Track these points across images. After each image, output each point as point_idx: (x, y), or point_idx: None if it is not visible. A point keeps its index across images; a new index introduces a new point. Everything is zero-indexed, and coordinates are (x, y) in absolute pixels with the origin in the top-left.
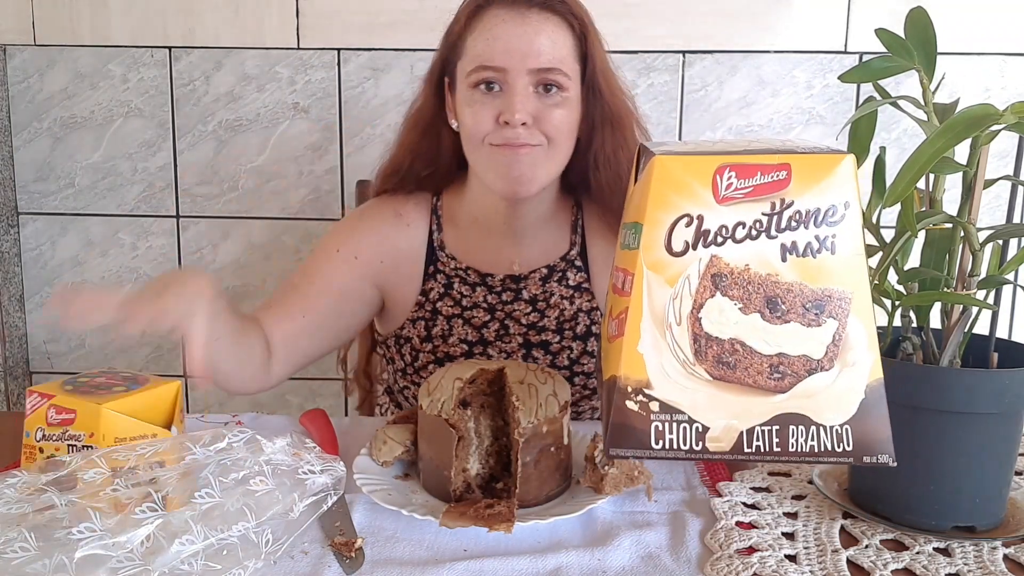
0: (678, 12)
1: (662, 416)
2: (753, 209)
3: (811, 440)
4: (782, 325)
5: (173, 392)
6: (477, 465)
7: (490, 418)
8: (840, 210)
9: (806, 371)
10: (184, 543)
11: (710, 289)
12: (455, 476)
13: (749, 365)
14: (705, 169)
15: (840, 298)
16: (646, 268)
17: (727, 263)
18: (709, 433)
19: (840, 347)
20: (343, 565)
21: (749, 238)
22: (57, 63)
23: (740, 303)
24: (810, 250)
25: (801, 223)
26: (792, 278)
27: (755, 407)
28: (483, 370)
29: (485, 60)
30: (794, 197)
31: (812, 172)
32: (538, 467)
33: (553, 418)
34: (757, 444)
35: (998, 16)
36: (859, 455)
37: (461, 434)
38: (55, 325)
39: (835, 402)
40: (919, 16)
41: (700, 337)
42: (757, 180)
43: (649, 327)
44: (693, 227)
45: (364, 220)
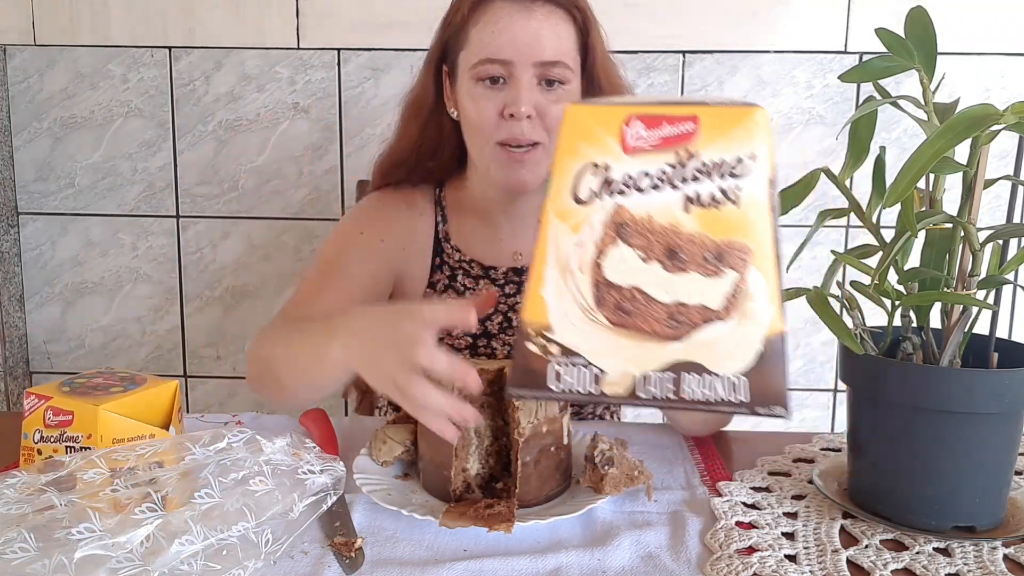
0: (678, 12)
1: (561, 359)
2: (659, 160)
3: (705, 388)
4: (681, 274)
5: (171, 392)
6: (477, 465)
7: (490, 418)
8: (747, 162)
9: (703, 320)
10: (184, 543)
11: (613, 238)
12: (455, 476)
13: (647, 312)
14: (613, 119)
15: (741, 250)
16: (552, 215)
17: (630, 212)
18: (606, 377)
19: (739, 298)
20: (343, 565)
21: (654, 188)
22: (57, 63)
23: (641, 252)
24: (714, 201)
25: (706, 174)
26: (694, 229)
27: (651, 354)
28: (483, 370)
29: (491, 53)
30: (700, 148)
31: (720, 123)
32: (538, 467)
33: (553, 418)
34: (652, 390)
35: (998, 16)
36: (753, 406)
37: (461, 434)
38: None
39: (731, 352)
40: (919, 16)
41: (601, 284)
42: (664, 131)
43: (553, 273)
44: (599, 176)
45: (379, 206)
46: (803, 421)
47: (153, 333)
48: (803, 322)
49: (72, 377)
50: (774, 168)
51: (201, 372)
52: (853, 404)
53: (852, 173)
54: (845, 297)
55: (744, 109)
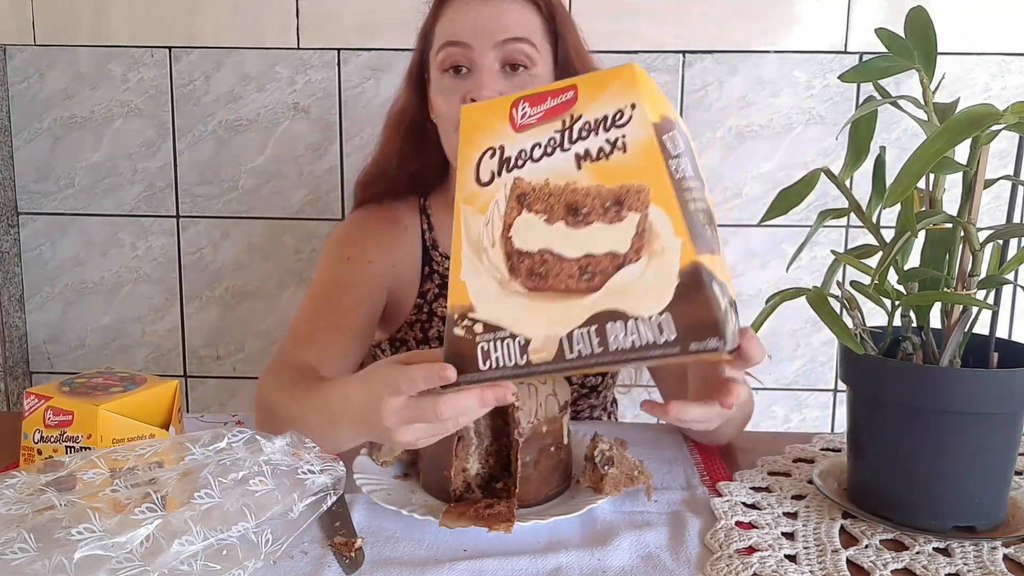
0: (678, 12)
1: (486, 336)
2: (547, 129)
3: (631, 334)
4: (585, 227)
5: (171, 392)
6: (477, 465)
7: (490, 418)
8: (627, 112)
9: (614, 267)
10: (184, 543)
11: (516, 208)
12: (455, 476)
13: (560, 271)
14: (502, 107)
15: (638, 191)
16: (462, 204)
17: (528, 182)
18: (531, 345)
19: (645, 238)
20: (343, 565)
21: (545, 155)
22: (57, 63)
23: (544, 215)
24: (603, 153)
25: (592, 131)
26: (589, 182)
27: (571, 311)
28: None
29: (449, 35)
30: (582, 111)
31: (596, 86)
32: (538, 467)
33: (553, 418)
34: (579, 348)
35: (998, 16)
36: (685, 343)
37: (460, 434)
38: (54, 325)
39: (649, 292)
40: (919, 16)
41: (512, 254)
42: (548, 104)
43: (468, 255)
44: (496, 157)
45: (362, 226)
46: (803, 421)
47: (153, 333)
48: (803, 322)
49: (72, 377)
50: (662, 116)
51: (201, 372)
52: (853, 404)
53: (852, 173)
54: (845, 297)
55: (617, 68)
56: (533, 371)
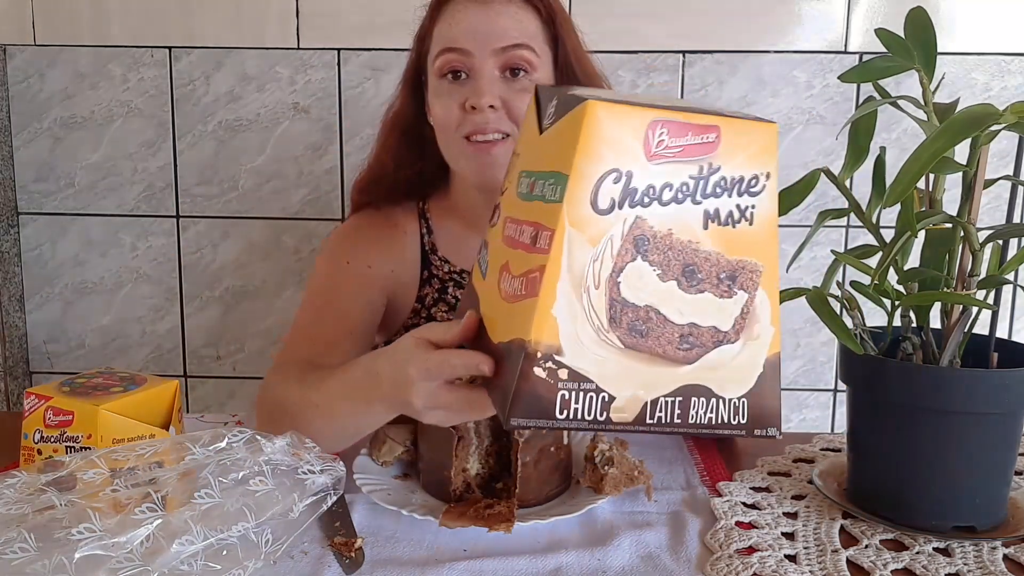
0: (678, 12)
1: (570, 384)
2: (681, 171)
3: (710, 412)
4: (696, 295)
5: (171, 392)
6: (477, 465)
7: (490, 418)
8: (762, 180)
9: (713, 343)
10: (184, 543)
11: (632, 252)
12: (455, 476)
13: (661, 334)
14: (639, 122)
15: (752, 270)
16: (569, 225)
17: (651, 226)
18: (614, 403)
19: (747, 320)
20: (343, 565)
21: (675, 201)
22: (57, 63)
23: (659, 269)
24: (731, 219)
25: (726, 190)
26: (711, 247)
27: (662, 378)
28: None
29: (448, 42)
30: (721, 162)
31: (740, 138)
32: (538, 467)
33: None
34: (659, 415)
35: (998, 16)
36: (751, 428)
37: (461, 434)
38: (54, 325)
39: (737, 375)
40: (919, 16)
41: (617, 303)
42: (688, 140)
43: (566, 289)
44: (621, 184)
45: (360, 231)
46: (803, 421)
47: (153, 333)
48: (803, 322)
49: (72, 377)
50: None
51: (201, 372)
52: (853, 404)
53: (852, 173)
54: (845, 297)
55: (763, 125)
56: (608, 429)
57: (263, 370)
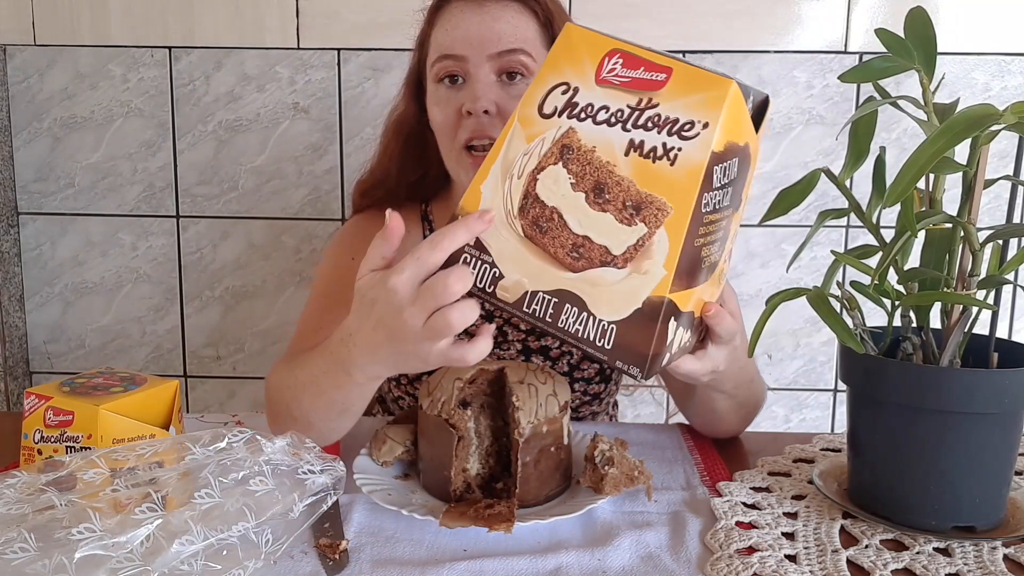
0: (678, 12)
1: (473, 251)
2: (622, 98)
3: (579, 324)
4: (599, 212)
5: (171, 392)
6: (477, 465)
7: (490, 418)
8: (697, 128)
9: (600, 261)
10: (184, 543)
11: (556, 156)
12: (455, 476)
13: (557, 236)
14: (600, 47)
15: (660, 208)
16: (517, 120)
17: (579, 138)
18: (502, 281)
19: (639, 252)
20: (326, 567)
21: (607, 123)
22: (57, 63)
23: (574, 179)
24: (652, 153)
25: (656, 126)
26: (626, 173)
27: (546, 274)
28: (483, 370)
29: (444, 49)
30: (662, 100)
31: (689, 84)
32: (538, 467)
33: (553, 418)
34: (535, 308)
35: (998, 16)
36: (614, 357)
37: (461, 434)
38: (54, 325)
39: (614, 299)
40: (919, 16)
41: (530, 196)
42: (638, 73)
43: (497, 171)
44: (566, 96)
45: (365, 229)
46: (803, 421)
47: (153, 333)
48: (803, 322)
49: (72, 377)
50: (729, 144)
51: (201, 372)
52: (853, 404)
53: (852, 173)
54: (845, 297)
55: (717, 78)
56: (491, 302)
57: (263, 370)
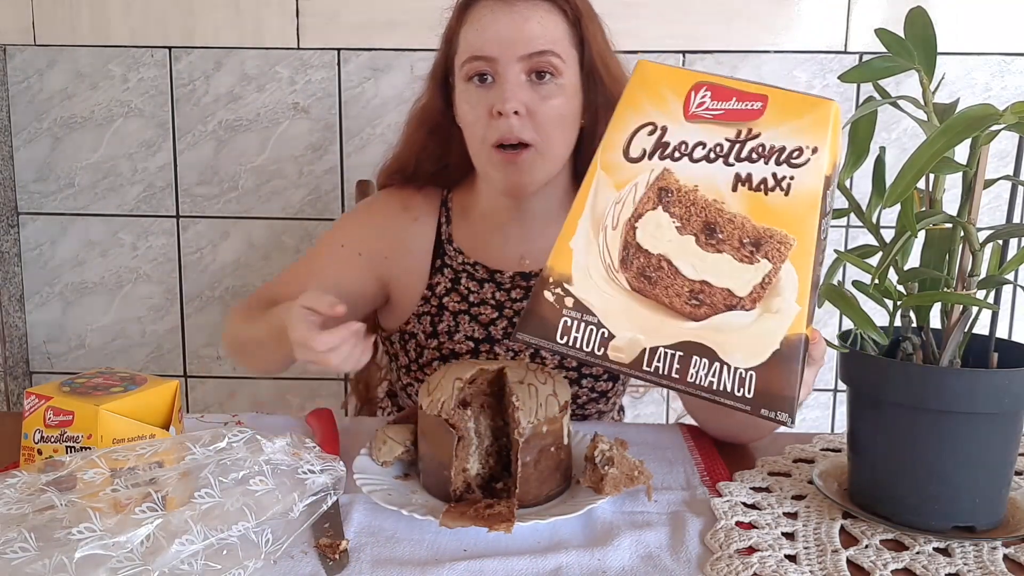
0: (678, 12)
1: (573, 313)
2: (718, 132)
3: (712, 376)
4: (714, 253)
5: (171, 392)
6: (477, 465)
7: (490, 418)
8: (806, 154)
9: (725, 305)
10: (184, 543)
11: (653, 201)
12: (455, 476)
13: (670, 285)
14: (683, 82)
15: (781, 241)
16: (600, 168)
17: (677, 179)
18: (613, 341)
19: (767, 290)
20: (326, 567)
21: (706, 160)
22: (57, 63)
23: (679, 222)
24: (764, 186)
25: (762, 157)
26: (737, 209)
27: (665, 328)
28: (483, 370)
29: (475, 50)
30: (762, 129)
31: (789, 109)
32: (538, 467)
33: (553, 418)
34: (657, 365)
35: (998, 16)
36: (757, 406)
37: (461, 434)
38: (54, 325)
39: (747, 345)
40: (919, 16)
41: (631, 246)
42: (731, 104)
43: (586, 225)
44: (655, 136)
45: (370, 215)
46: (803, 421)
47: (153, 333)
48: None
49: (72, 377)
50: (834, 168)
51: (201, 372)
52: (853, 404)
53: (852, 173)
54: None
55: (817, 100)
56: (604, 365)
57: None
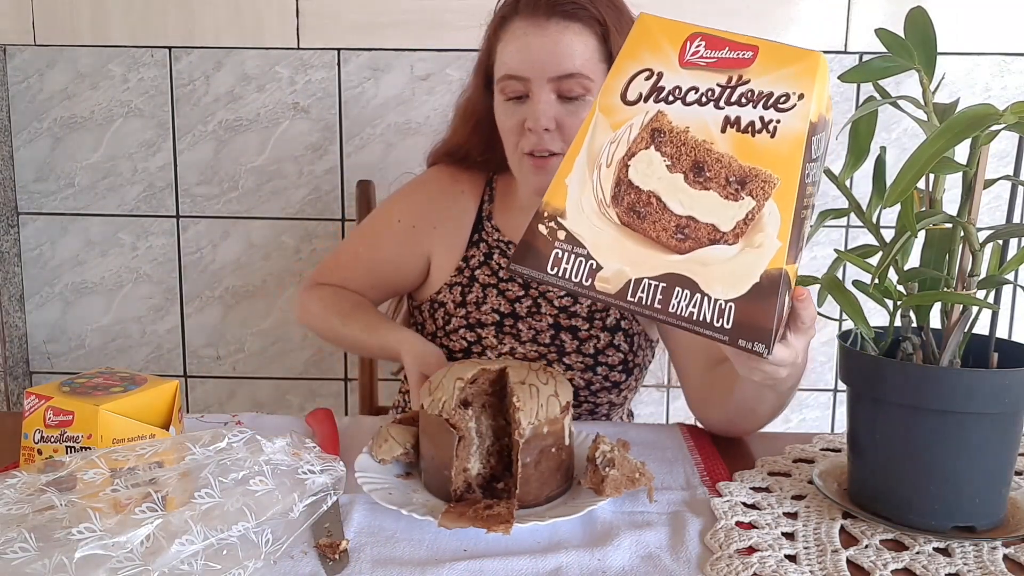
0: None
1: (565, 245)
2: (710, 78)
3: (692, 306)
4: (701, 190)
5: (171, 392)
6: (478, 465)
7: (491, 418)
8: (792, 99)
9: (709, 240)
10: (184, 543)
11: (646, 141)
12: (456, 476)
13: (657, 220)
14: (679, 33)
15: (765, 180)
16: (598, 110)
17: (669, 120)
18: (600, 272)
19: (750, 226)
20: (326, 568)
21: (698, 103)
22: (57, 63)
23: (669, 160)
24: (751, 128)
25: (751, 101)
26: (725, 149)
27: (650, 260)
28: (485, 370)
29: (509, 70)
30: (752, 76)
31: (777, 59)
32: (538, 468)
33: (554, 419)
34: (641, 295)
35: (998, 16)
36: (735, 336)
37: (462, 434)
38: (54, 325)
39: (727, 277)
40: (919, 16)
41: (623, 182)
42: (723, 53)
43: (582, 163)
44: (651, 81)
45: (422, 187)
46: (803, 421)
47: (153, 333)
48: None
49: (72, 377)
50: (820, 116)
51: (201, 372)
52: (853, 404)
53: (852, 173)
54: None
55: (805, 52)
56: (591, 295)
57: (263, 370)
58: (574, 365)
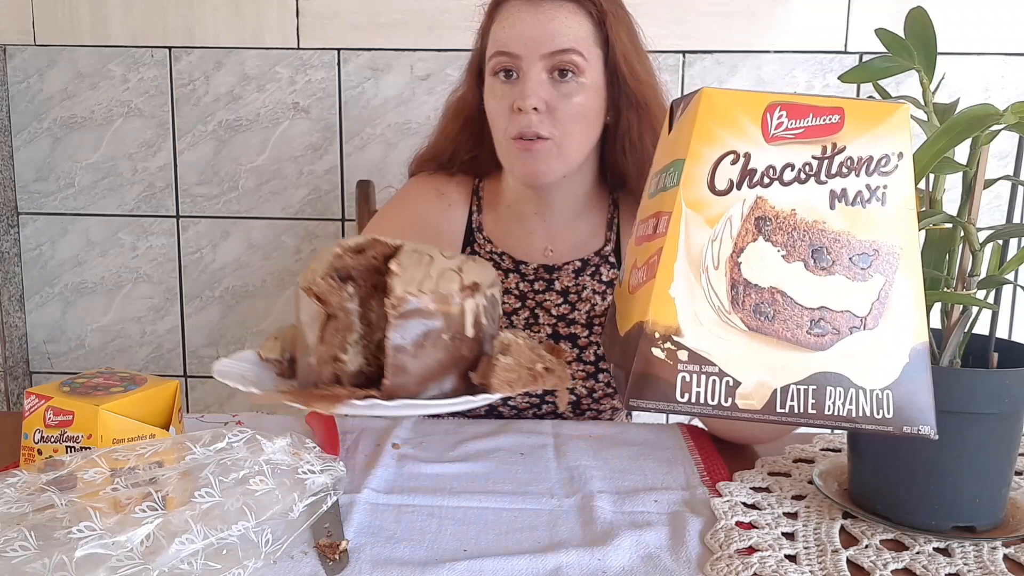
0: (678, 12)
1: (690, 367)
2: (803, 151)
3: (849, 403)
4: (826, 277)
5: (171, 392)
6: (359, 359)
7: (379, 304)
8: (893, 160)
9: (848, 328)
10: (184, 543)
11: (753, 232)
12: (320, 364)
13: (789, 317)
14: (755, 105)
15: (889, 252)
16: (685, 206)
17: (772, 206)
18: (740, 388)
19: (885, 305)
20: (325, 568)
21: (797, 181)
22: (57, 63)
23: (784, 249)
24: (860, 199)
25: (852, 170)
26: (840, 227)
27: (792, 363)
28: (378, 241)
29: (501, 46)
30: (846, 142)
31: (865, 118)
32: (420, 356)
33: (445, 296)
34: (791, 404)
35: (998, 16)
36: (899, 424)
37: (331, 311)
38: (54, 325)
39: (877, 364)
40: (919, 16)
41: (738, 283)
42: (808, 121)
43: (684, 269)
44: (739, 165)
45: (407, 203)
46: None
47: (153, 333)
48: None
49: (72, 377)
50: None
51: (201, 372)
52: None
53: None
54: None
55: (890, 105)
56: (735, 416)
57: None
58: (575, 374)
